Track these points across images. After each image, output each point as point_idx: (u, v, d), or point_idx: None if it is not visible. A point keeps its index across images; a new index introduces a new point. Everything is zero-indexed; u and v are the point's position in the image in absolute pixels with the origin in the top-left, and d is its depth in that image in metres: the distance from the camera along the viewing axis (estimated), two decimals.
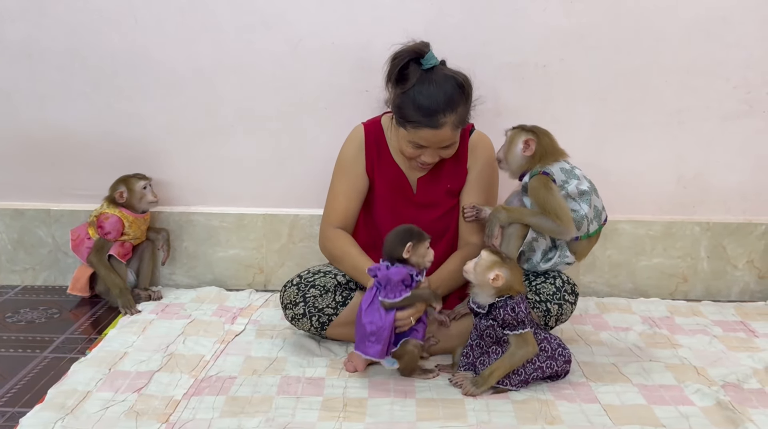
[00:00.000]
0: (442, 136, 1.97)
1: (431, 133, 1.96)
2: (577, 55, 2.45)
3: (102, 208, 2.43)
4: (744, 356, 2.06)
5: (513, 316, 1.78)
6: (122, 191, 2.41)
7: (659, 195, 2.57)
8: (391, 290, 1.85)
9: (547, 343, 1.84)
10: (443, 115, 1.93)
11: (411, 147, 2.02)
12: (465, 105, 1.99)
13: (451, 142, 2.01)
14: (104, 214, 2.39)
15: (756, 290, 2.60)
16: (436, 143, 1.99)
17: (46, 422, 1.67)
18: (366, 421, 1.69)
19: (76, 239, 2.45)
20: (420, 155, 2.03)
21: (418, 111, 1.94)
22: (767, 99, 2.48)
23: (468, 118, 2.03)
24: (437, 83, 1.95)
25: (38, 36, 2.49)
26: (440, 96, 1.93)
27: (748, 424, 1.68)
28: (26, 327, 2.28)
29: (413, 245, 1.85)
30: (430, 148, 2.01)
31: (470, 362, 1.88)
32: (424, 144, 2.00)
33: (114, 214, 2.39)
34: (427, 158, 2.03)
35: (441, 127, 1.95)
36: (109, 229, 2.38)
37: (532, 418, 1.71)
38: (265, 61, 2.47)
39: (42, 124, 2.56)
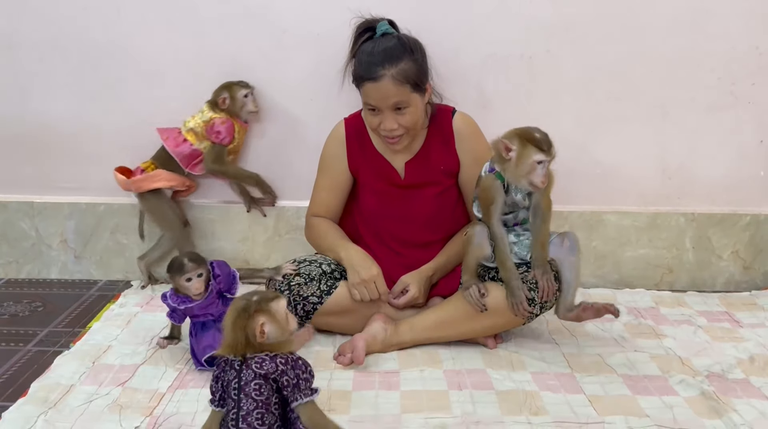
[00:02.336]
0: (384, 91, 1.99)
1: (373, 86, 2.00)
2: (562, 46, 2.45)
3: (204, 113, 2.39)
4: (728, 347, 2.07)
5: None
6: (225, 97, 2.38)
7: (644, 186, 2.58)
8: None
9: None
10: (381, 67, 1.99)
11: (369, 115, 2.08)
12: (409, 61, 2.01)
13: (398, 99, 2.01)
14: (218, 118, 2.36)
15: (741, 281, 2.61)
16: (382, 101, 2.01)
17: (28, 416, 1.66)
18: (351, 414, 1.69)
19: (167, 138, 2.41)
20: (380, 123, 2.05)
21: (360, 66, 2.04)
22: (752, 90, 2.49)
23: (415, 77, 2.02)
24: (378, 42, 2.06)
25: (19, 27, 2.47)
26: (379, 50, 2.03)
27: (731, 414, 1.69)
28: (9, 320, 2.26)
29: (171, 276, 1.87)
30: (383, 110, 2.03)
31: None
32: (373, 103, 2.03)
33: (223, 116, 2.37)
34: (387, 124, 2.04)
35: (380, 80, 1.98)
36: (225, 132, 2.36)
37: (517, 409, 1.71)
38: (248, 53, 2.45)
39: (24, 116, 2.54)
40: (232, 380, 1.34)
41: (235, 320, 1.35)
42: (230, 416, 1.32)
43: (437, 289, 2.17)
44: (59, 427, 1.62)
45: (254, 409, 1.31)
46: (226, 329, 1.36)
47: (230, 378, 1.34)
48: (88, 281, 2.62)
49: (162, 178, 2.42)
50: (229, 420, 1.32)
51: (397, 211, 2.19)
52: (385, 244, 2.21)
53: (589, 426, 1.64)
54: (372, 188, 2.21)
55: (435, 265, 2.16)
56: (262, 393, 1.32)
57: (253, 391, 1.32)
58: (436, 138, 2.18)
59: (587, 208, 2.57)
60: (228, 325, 1.36)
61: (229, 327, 1.36)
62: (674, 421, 1.67)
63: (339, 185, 2.23)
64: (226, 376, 1.36)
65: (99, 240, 2.61)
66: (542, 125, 2.05)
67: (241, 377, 1.32)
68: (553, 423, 1.65)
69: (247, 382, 1.32)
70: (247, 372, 1.32)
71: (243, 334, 1.34)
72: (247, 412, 1.31)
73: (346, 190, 2.25)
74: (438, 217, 2.19)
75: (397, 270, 2.15)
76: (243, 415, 1.31)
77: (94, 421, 1.65)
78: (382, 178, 2.19)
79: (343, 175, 2.22)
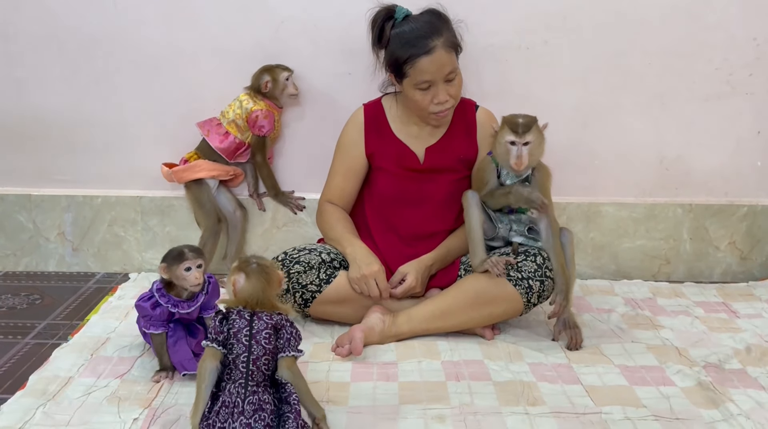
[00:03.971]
0: (439, 61, 2.02)
1: (427, 60, 2.02)
2: (559, 37, 2.45)
3: (243, 104, 2.38)
4: (725, 337, 2.08)
5: None
6: (267, 81, 2.38)
7: (641, 177, 2.58)
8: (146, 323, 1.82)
9: None
10: (431, 39, 2.02)
11: (420, 93, 2.07)
12: (448, 29, 2.07)
13: (452, 68, 2.06)
14: (259, 111, 2.36)
15: (738, 271, 2.62)
16: (438, 72, 2.03)
17: (27, 408, 1.66)
18: (349, 404, 1.70)
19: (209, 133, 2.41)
20: (433, 98, 2.07)
21: (407, 45, 2.04)
22: (749, 81, 2.49)
23: (457, 42, 2.08)
24: (414, 19, 2.08)
25: (15, 19, 2.46)
26: (421, 25, 2.06)
27: (728, 404, 1.70)
28: (7, 313, 2.26)
29: (167, 267, 1.80)
30: (436, 83, 2.05)
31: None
32: (428, 78, 2.04)
33: (264, 107, 2.38)
34: (441, 96, 2.07)
35: (434, 51, 2.02)
36: (267, 124, 2.37)
37: (514, 400, 1.72)
38: (245, 44, 2.45)
39: (20, 108, 2.53)
40: (243, 328, 1.47)
41: (268, 277, 1.52)
42: (240, 359, 1.46)
43: (435, 281, 2.17)
44: (58, 419, 1.62)
45: (263, 355, 1.47)
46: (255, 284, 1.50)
47: (241, 326, 1.48)
48: (86, 274, 2.62)
49: (203, 169, 2.42)
50: (240, 362, 1.46)
51: (412, 195, 2.20)
52: (392, 232, 2.21)
53: (586, 416, 1.65)
54: (389, 172, 2.21)
55: (435, 255, 2.17)
56: (270, 342, 1.48)
57: (263, 339, 1.47)
58: (460, 127, 2.21)
59: (585, 199, 2.58)
60: (260, 281, 1.50)
61: (263, 283, 1.51)
62: (671, 411, 1.67)
63: (354, 170, 2.24)
64: (235, 323, 1.48)
65: (96, 232, 2.61)
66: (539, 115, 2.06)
67: (253, 326, 1.47)
68: (550, 413, 1.66)
69: (259, 330, 1.47)
70: (258, 322, 1.48)
71: (265, 288, 1.51)
72: (257, 356, 1.46)
73: (361, 176, 2.26)
74: (449, 204, 2.20)
75: (401, 261, 2.15)
76: (253, 359, 1.46)
77: (93, 413, 1.65)
78: (400, 162, 2.20)
79: (358, 159, 2.23)
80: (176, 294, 1.82)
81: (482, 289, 2.00)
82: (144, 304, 1.81)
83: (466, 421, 1.63)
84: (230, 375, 1.47)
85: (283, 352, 1.49)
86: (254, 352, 1.46)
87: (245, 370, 1.45)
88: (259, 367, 1.46)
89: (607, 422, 1.63)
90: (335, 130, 2.31)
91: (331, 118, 2.45)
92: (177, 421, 1.62)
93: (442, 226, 2.21)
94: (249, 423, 1.42)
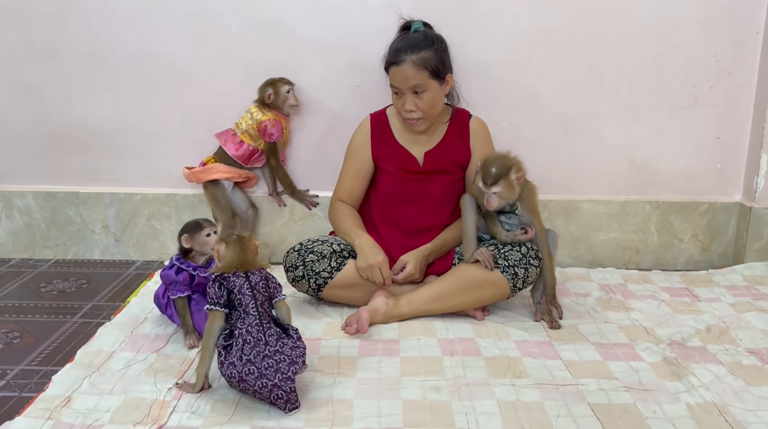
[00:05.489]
0: (404, 73, 2.04)
1: (395, 69, 2.05)
2: (543, 54, 2.44)
3: (253, 115, 2.39)
4: (688, 318, 2.07)
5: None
6: (270, 93, 2.38)
7: (615, 177, 2.57)
8: (171, 289, 1.88)
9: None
10: (404, 53, 2.04)
11: (395, 97, 2.11)
12: (429, 51, 2.05)
13: (416, 82, 2.04)
14: (268, 121, 2.37)
15: (699, 260, 2.61)
16: (403, 82, 2.05)
17: (75, 379, 1.67)
18: (357, 377, 1.70)
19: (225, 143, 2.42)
20: (403, 106, 2.08)
21: (389, 53, 2.09)
22: (710, 92, 2.48)
23: (434, 63, 2.05)
24: (408, 35, 2.11)
25: (64, 38, 2.46)
26: (405, 41, 2.08)
27: (690, 377, 1.69)
28: (58, 296, 2.27)
29: (189, 236, 1.87)
30: (404, 92, 2.07)
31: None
32: (395, 85, 2.08)
33: (271, 117, 2.38)
34: (406, 105, 2.08)
35: (402, 63, 2.03)
36: (276, 132, 2.38)
37: (502, 373, 1.72)
38: (266, 61, 2.44)
39: (69, 117, 2.54)
40: (243, 284, 1.58)
41: (243, 247, 1.61)
42: (250, 306, 1.56)
43: (433, 268, 2.17)
44: (102, 388, 1.63)
45: (264, 300, 1.60)
46: (234, 254, 1.61)
47: (241, 283, 1.58)
48: (127, 261, 2.62)
49: (219, 171, 2.42)
50: (250, 309, 1.56)
51: (412, 194, 2.19)
52: (395, 227, 2.21)
53: (565, 387, 1.65)
54: (391, 174, 2.21)
55: (432, 246, 2.16)
56: (266, 290, 1.62)
57: (262, 289, 1.60)
58: (455, 134, 2.20)
59: (565, 196, 2.57)
60: (236, 250, 1.61)
61: (239, 252, 1.61)
62: (640, 383, 1.67)
63: (362, 172, 2.24)
64: (234, 283, 1.58)
65: (136, 225, 2.62)
66: (524, 124, 2.05)
67: (251, 280, 1.59)
68: (534, 385, 1.66)
69: (257, 282, 1.59)
70: (253, 277, 1.60)
71: (251, 253, 1.62)
72: (261, 301, 1.58)
73: (368, 177, 2.25)
74: (445, 202, 2.19)
75: (402, 251, 2.16)
76: (260, 303, 1.58)
77: (133, 383, 1.65)
78: (401, 165, 2.19)
79: (366, 163, 2.23)
80: (193, 262, 1.88)
81: (473, 276, 2.00)
82: (168, 272, 1.88)
83: (460, 391, 1.63)
84: (244, 322, 1.56)
85: (275, 298, 1.63)
86: (258, 298, 1.58)
87: (256, 313, 1.56)
88: (266, 309, 1.59)
89: (583, 393, 1.62)
90: (345, 135, 2.31)
91: (341, 125, 2.45)
92: (207, 391, 1.62)
93: (439, 221, 2.21)
94: (277, 349, 1.53)
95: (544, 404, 1.57)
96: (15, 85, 2.51)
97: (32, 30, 2.45)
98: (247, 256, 1.61)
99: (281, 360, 1.52)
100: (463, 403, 1.58)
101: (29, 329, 2.00)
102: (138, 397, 1.59)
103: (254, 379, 1.50)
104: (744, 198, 2.57)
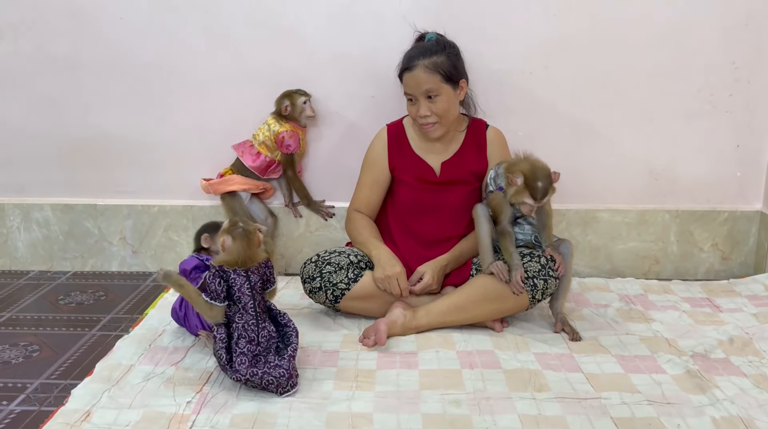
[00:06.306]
0: (416, 78, 2.04)
1: (408, 75, 2.06)
2: (558, 62, 2.42)
3: (270, 127, 2.39)
4: (710, 329, 2.04)
5: None
6: (287, 105, 2.38)
7: (633, 186, 2.55)
8: (191, 279, 1.85)
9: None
10: (416, 59, 2.05)
11: (409, 104, 2.11)
12: (441, 56, 2.05)
13: (429, 86, 2.04)
14: (285, 132, 2.37)
15: (720, 270, 2.58)
16: (416, 88, 2.05)
17: (94, 393, 1.66)
18: (375, 390, 1.68)
19: (243, 154, 2.43)
20: (417, 112, 2.08)
21: (403, 60, 2.10)
22: (729, 100, 2.45)
23: (446, 68, 2.05)
24: (421, 44, 2.12)
25: (81, 50, 2.47)
26: (417, 48, 2.09)
27: (714, 390, 1.67)
28: (76, 308, 2.27)
29: (209, 237, 1.96)
30: (418, 98, 2.06)
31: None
32: (409, 91, 2.08)
33: (289, 129, 2.38)
34: (421, 110, 2.07)
35: (414, 69, 2.04)
36: (293, 143, 2.38)
37: (522, 386, 1.69)
38: (282, 71, 2.44)
39: (86, 129, 2.54)
40: (243, 284, 1.65)
41: (249, 242, 1.66)
42: (249, 306, 1.65)
43: (450, 279, 2.15)
44: (121, 402, 1.62)
45: (261, 299, 1.68)
46: (240, 249, 1.65)
47: (241, 282, 1.65)
48: (144, 273, 2.63)
49: (235, 183, 2.43)
50: (249, 308, 1.65)
51: (429, 204, 2.18)
52: (412, 237, 2.19)
53: (587, 401, 1.62)
54: (408, 184, 2.20)
55: (449, 256, 2.15)
56: (264, 288, 1.70)
57: (260, 288, 1.68)
58: (471, 143, 2.19)
59: (582, 206, 2.54)
60: (242, 246, 1.65)
61: (245, 247, 1.65)
62: (663, 397, 1.65)
63: (379, 182, 2.23)
64: (235, 282, 1.65)
65: (153, 237, 2.62)
66: (540, 132, 2.03)
67: (251, 280, 1.66)
68: (555, 398, 1.63)
69: (255, 282, 1.66)
70: (253, 277, 1.66)
71: (251, 249, 1.66)
72: (259, 301, 1.67)
73: (385, 187, 2.24)
74: (462, 212, 2.17)
75: (419, 262, 2.14)
76: (257, 303, 1.66)
77: (152, 397, 1.65)
78: (418, 175, 2.18)
79: (383, 173, 2.22)
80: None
81: (492, 287, 1.98)
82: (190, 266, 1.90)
83: (480, 405, 1.61)
84: (242, 317, 1.66)
85: (269, 286, 1.72)
86: (256, 298, 1.66)
87: (254, 312, 1.66)
88: (262, 308, 1.68)
89: (606, 406, 1.60)
90: (360, 146, 2.30)
91: (357, 136, 2.44)
92: (225, 404, 1.61)
93: (456, 232, 2.19)
94: (268, 347, 1.67)
95: (567, 418, 1.55)
96: (33, 97, 2.53)
97: (50, 43, 2.47)
98: (251, 251, 1.66)
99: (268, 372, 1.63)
100: (484, 417, 1.55)
101: (48, 342, 2.00)
102: (157, 410, 1.58)
103: (245, 369, 1.63)
104: (765, 206, 2.53)
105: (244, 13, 2.41)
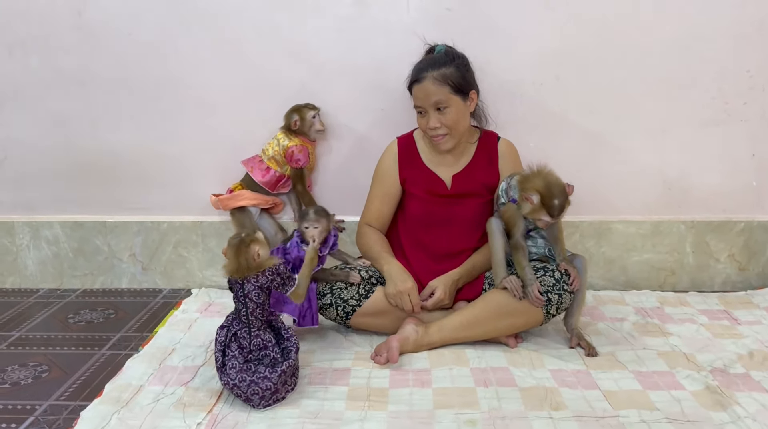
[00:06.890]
0: (425, 90, 2.02)
1: (417, 87, 2.04)
2: (569, 72, 2.40)
3: (280, 142, 2.38)
4: (729, 342, 2.00)
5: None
6: (296, 120, 2.37)
7: (647, 196, 2.51)
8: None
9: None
10: (425, 71, 2.03)
11: (419, 117, 2.09)
12: (450, 67, 2.03)
13: (438, 98, 2.02)
14: (294, 146, 2.36)
15: (737, 281, 2.53)
16: (425, 99, 2.03)
17: (104, 415, 1.64)
18: (388, 410, 1.65)
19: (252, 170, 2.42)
20: (427, 124, 2.06)
21: (412, 73, 2.08)
22: (744, 108, 2.41)
23: (458, 82, 2.03)
24: (430, 56, 2.11)
25: (90, 66, 2.47)
26: (426, 60, 2.09)
27: (735, 406, 1.63)
28: (86, 326, 2.26)
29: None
30: (427, 110, 2.05)
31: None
32: (418, 103, 2.06)
33: (298, 143, 2.37)
34: (431, 122, 2.06)
35: (423, 81, 2.03)
36: (303, 158, 2.37)
37: (539, 405, 1.66)
38: (291, 85, 2.43)
39: (96, 145, 2.54)
40: (237, 291, 1.70)
41: (237, 252, 1.67)
42: (241, 313, 1.71)
43: (462, 294, 2.12)
44: (131, 424, 1.60)
45: (256, 308, 1.70)
46: (231, 259, 1.69)
47: (236, 289, 1.70)
48: (154, 290, 2.61)
49: (245, 198, 2.42)
50: (241, 315, 1.71)
51: (441, 218, 2.15)
52: (423, 251, 2.17)
53: (605, 419, 1.59)
54: (419, 197, 2.17)
55: (461, 270, 2.12)
56: (259, 297, 1.69)
57: (254, 297, 1.69)
58: (483, 156, 2.17)
59: (596, 217, 2.51)
60: (231, 256, 1.69)
61: (233, 257, 1.68)
62: (683, 414, 1.61)
63: (390, 195, 2.20)
64: (233, 289, 1.71)
65: (163, 253, 2.60)
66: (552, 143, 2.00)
67: (245, 289, 1.68)
68: (572, 417, 1.60)
69: (249, 291, 1.68)
70: (248, 285, 1.68)
71: (244, 260, 1.67)
72: (252, 310, 1.70)
73: (396, 200, 2.22)
74: (474, 225, 2.14)
75: (431, 276, 2.11)
76: (249, 312, 1.70)
77: (162, 418, 1.62)
78: (429, 189, 2.16)
79: (393, 186, 2.20)
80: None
81: (505, 302, 1.95)
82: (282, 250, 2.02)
83: (495, 425, 1.57)
84: (238, 323, 1.72)
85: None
86: (249, 306, 1.69)
87: (246, 321, 1.70)
88: (256, 317, 1.70)
89: (624, 425, 1.56)
90: (370, 160, 2.28)
91: (366, 149, 2.42)
92: (235, 425, 1.59)
93: (468, 245, 2.16)
94: (257, 357, 1.71)
95: None
96: (42, 114, 2.52)
97: (59, 59, 2.47)
98: (239, 263, 1.67)
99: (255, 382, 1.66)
100: None
101: (57, 362, 1.98)
102: None
103: (236, 373, 1.68)
104: None
105: (252, 27, 2.41)
